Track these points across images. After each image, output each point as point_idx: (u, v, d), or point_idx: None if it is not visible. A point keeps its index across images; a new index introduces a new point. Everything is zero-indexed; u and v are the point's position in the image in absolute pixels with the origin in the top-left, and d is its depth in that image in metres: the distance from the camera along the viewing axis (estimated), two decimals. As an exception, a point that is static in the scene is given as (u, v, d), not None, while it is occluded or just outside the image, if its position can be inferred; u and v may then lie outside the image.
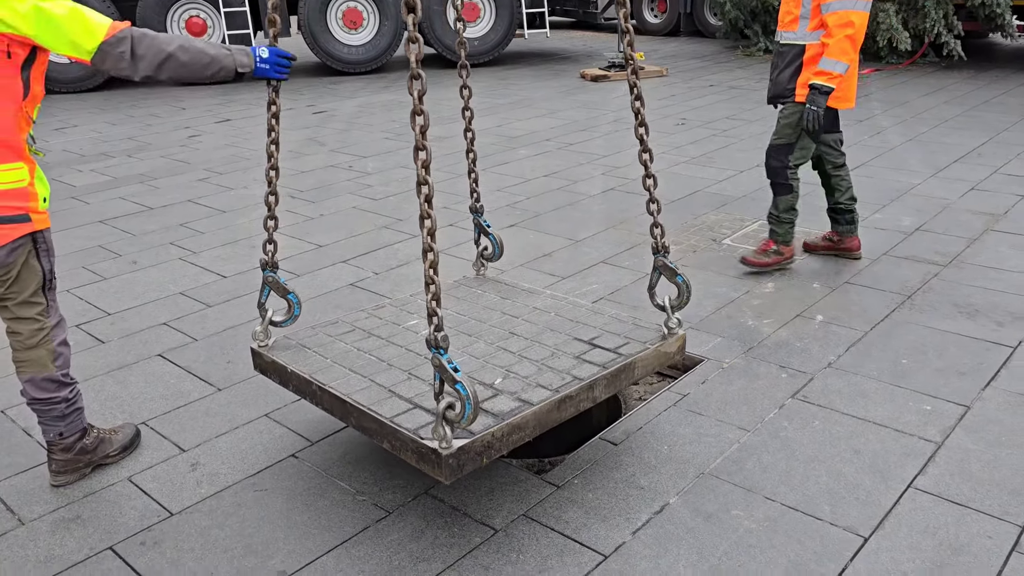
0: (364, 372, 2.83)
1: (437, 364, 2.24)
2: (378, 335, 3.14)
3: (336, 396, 2.68)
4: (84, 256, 5.29)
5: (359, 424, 2.62)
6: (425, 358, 2.83)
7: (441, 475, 2.31)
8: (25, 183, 2.67)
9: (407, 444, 2.40)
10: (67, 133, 9.17)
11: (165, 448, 3.20)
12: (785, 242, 4.67)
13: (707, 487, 2.85)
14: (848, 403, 3.33)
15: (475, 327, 3.19)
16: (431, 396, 2.52)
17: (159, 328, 4.23)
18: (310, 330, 3.22)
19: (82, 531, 2.75)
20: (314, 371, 2.84)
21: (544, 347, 2.97)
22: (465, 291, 3.57)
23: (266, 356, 3.00)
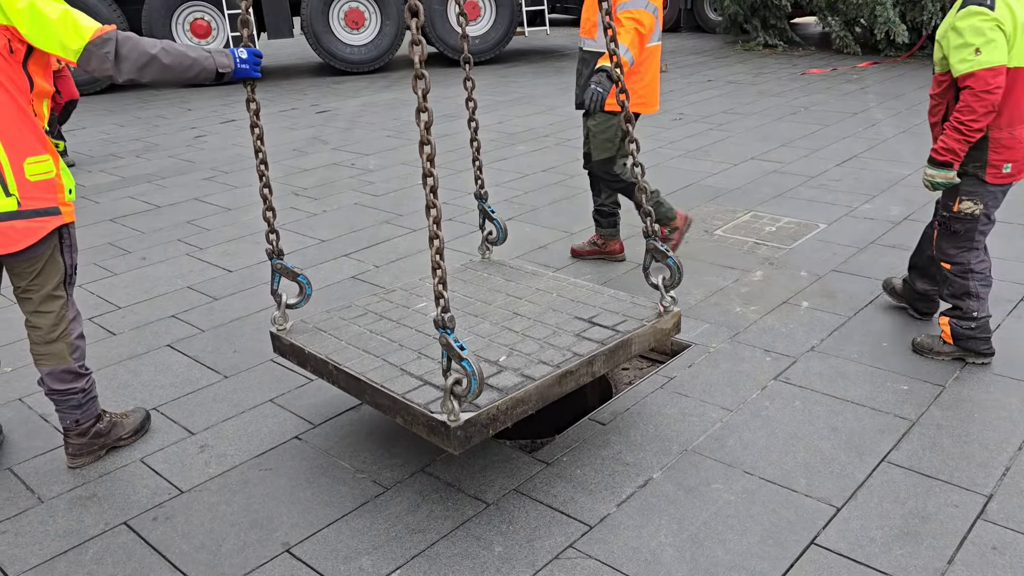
0: (377, 352, 2.99)
1: (444, 343, 2.39)
2: (389, 317, 3.30)
3: (351, 375, 2.84)
4: (95, 253, 5.46)
5: (373, 400, 2.79)
6: (434, 338, 2.99)
7: (450, 446, 2.46)
8: (53, 174, 2.82)
9: (418, 418, 2.56)
10: (77, 135, 9.35)
11: (175, 432, 3.36)
12: (668, 217, 4.68)
13: (690, 463, 2.99)
14: (828, 384, 3.46)
15: (481, 308, 3.35)
16: (440, 373, 2.68)
17: (168, 320, 4.40)
18: (325, 314, 3.38)
19: (98, 508, 2.91)
20: (330, 352, 3.00)
21: (546, 326, 3.12)
22: (471, 274, 3.73)
23: (285, 339, 3.16)
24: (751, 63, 12.63)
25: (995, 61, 3.13)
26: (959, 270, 3.51)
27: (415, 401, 2.60)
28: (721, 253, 4.97)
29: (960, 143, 3.23)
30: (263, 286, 4.77)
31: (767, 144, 7.53)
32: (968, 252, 3.49)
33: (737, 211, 5.72)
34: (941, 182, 3.36)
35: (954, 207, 3.45)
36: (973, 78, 3.15)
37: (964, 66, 3.17)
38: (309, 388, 3.64)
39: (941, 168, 3.32)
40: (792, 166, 6.76)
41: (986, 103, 3.15)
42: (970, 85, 3.17)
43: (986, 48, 3.12)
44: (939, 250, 3.58)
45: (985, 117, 3.18)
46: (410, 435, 3.24)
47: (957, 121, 3.21)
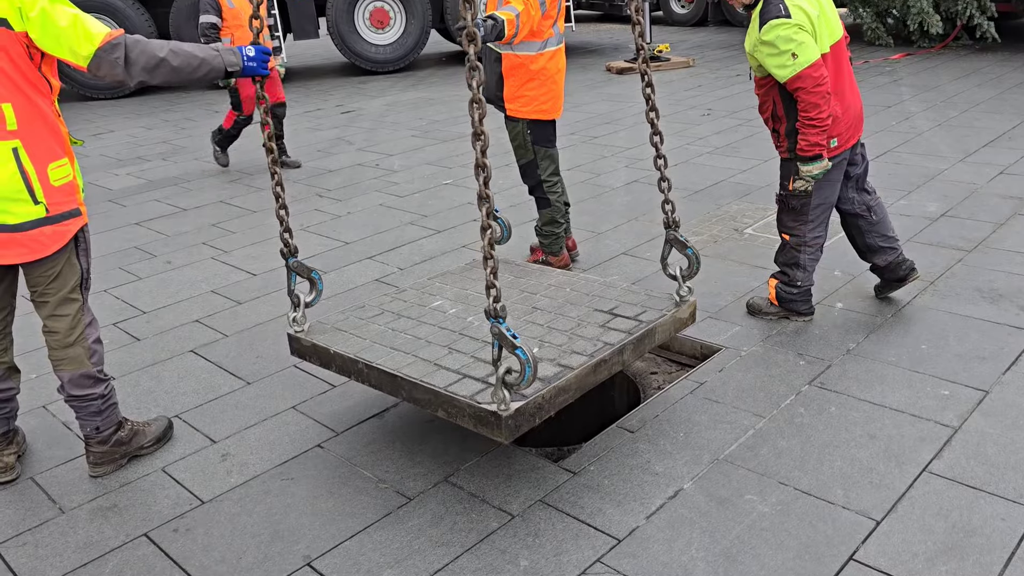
0: (406, 349, 2.95)
1: (497, 332, 2.41)
2: (408, 316, 3.26)
3: (385, 372, 2.81)
4: (121, 257, 5.47)
5: (411, 396, 2.76)
6: (459, 333, 3.02)
7: (501, 436, 2.46)
8: (71, 177, 2.83)
9: (464, 410, 2.55)
10: (104, 138, 9.42)
11: (197, 440, 3.32)
12: (553, 253, 4.65)
13: (721, 472, 2.89)
14: (865, 389, 3.34)
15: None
16: (476, 367, 2.74)
17: (191, 325, 4.37)
18: (340, 314, 3.34)
19: (119, 518, 2.88)
20: (358, 351, 2.96)
21: (568, 319, 3.11)
22: (478, 273, 3.69)
23: (305, 340, 3.11)
24: (780, 56, 12.40)
25: (812, 58, 3.39)
26: (796, 242, 3.85)
27: (459, 393, 2.59)
28: (751, 252, 4.84)
29: (819, 135, 3.48)
30: (286, 290, 4.73)
31: (798, 139, 7.36)
32: (804, 225, 3.80)
33: (768, 209, 5.59)
34: (819, 173, 3.59)
35: (789, 186, 3.75)
36: (801, 79, 3.40)
37: (786, 71, 3.41)
38: (331, 395, 3.59)
39: (813, 162, 3.56)
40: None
41: (821, 93, 3.41)
42: (800, 86, 3.41)
43: (800, 50, 3.38)
44: (780, 223, 3.92)
45: (827, 105, 3.44)
46: (434, 444, 3.17)
47: (807, 119, 3.46)
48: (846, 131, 3.65)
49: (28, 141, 2.68)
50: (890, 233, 3.95)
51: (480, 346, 2.92)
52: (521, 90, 4.36)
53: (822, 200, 3.75)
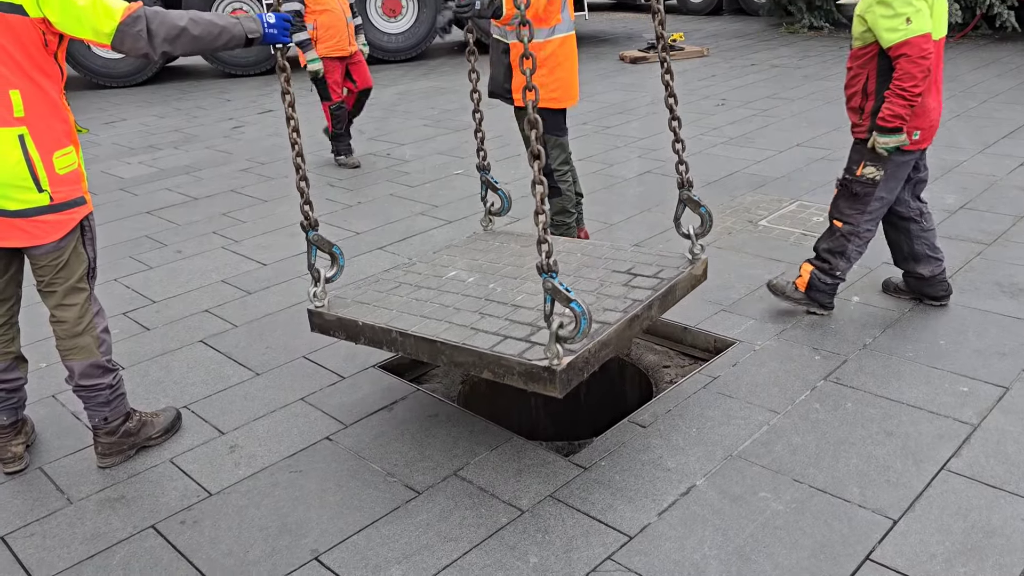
0: (436, 316, 2.93)
1: (550, 287, 2.43)
2: (427, 287, 3.23)
3: (423, 338, 2.79)
4: (131, 246, 5.45)
5: (452, 360, 2.75)
6: (485, 300, 3.02)
7: (554, 390, 2.47)
8: (76, 165, 2.81)
9: (513, 368, 2.55)
10: (116, 127, 9.42)
11: (205, 431, 3.30)
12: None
13: (735, 469, 2.85)
14: (882, 385, 3.28)
15: (514, 271, 3.30)
16: (514, 328, 2.75)
17: (201, 315, 4.35)
18: (356, 289, 3.29)
19: (126, 510, 2.86)
20: (388, 321, 2.93)
21: (590, 280, 3.12)
22: (483, 244, 3.68)
23: (329, 315, 3.06)
24: (796, 46, 12.29)
25: (924, 28, 3.31)
26: (848, 230, 3.73)
27: (506, 352, 2.58)
28: (766, 244, 4.78)
29: (904, 108, 3.39)
30: (296, 280, 4.71)
31: (813, 130, 7.28)
32: (861, 215, 3.69)
33: (783, 200, 5.52)
34: (893, 147, 3.49)
35: (857, 171, 3.63)
36: (908, 46, 3.31)
37: (896, 36, 3.32)
38: (340, 387, 3.56)
39: (890, 134, 3.45)
40: (840, 153, 6.49)
41: (923, 67, 3.32)
42: (906, 53, 3.32)
43: (915, 17, 3.30)
44: (835, 208, 3.77)
45: (924, 81, 3.35)
46: (443, 437, 3.14)
47: (900, 88, 3.36)
48: (928, 130, 3.57)
49: (35, 128, 2.66)
50: (937, 244, 3.86)
51: (510, 310, 2.92)
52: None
53: (886, 193, 3.65)
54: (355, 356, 3.80)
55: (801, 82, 9.47)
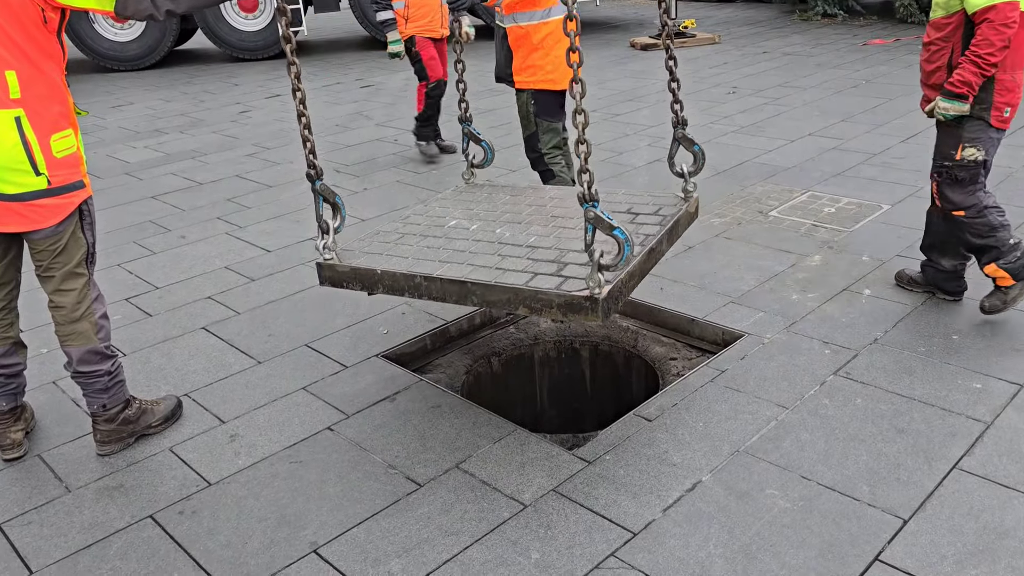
0: (457, 260, 2.89)
1: (592, 216, 2.47)
2: (433, 235, 3.18)
3: (452, 280, 2.75)
4: (135, 231, 5.42)
5: (484, 299, 2.72)
6: (499, 243, 3.01)
7: (596, 319, 2.52)
8: (74, 148, 2.77)
9: (551, 301, 2.57)
10: (123, 110, 9.38)
11: (206, 420, 3.27)
12: None
13: (741, 465, 2.79)
14: (893, 381, 3.22)
15: (512, 218, 3.26)
16: (539, 266, 2.75)
17: (204, 302, 4.32)
18: (360, 242, 3.21)
19: (124, 499, 2.83)
20: (408, 267, 2.87)
21: None
22: (469, 195, 3.63)
23: (342, 266, 2.97)
24: (809, 34, 12.14)
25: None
26: (974, 211, 3.52)
27: (542, 287, 2.60)
28: (776, 235, 4.71)
29: (976, 76, 3.28)
30: (300, 267, 4.67)
31: (825, 119, 7.18)
32: (975, 194, 3.51)
33: (794, 191, 5.44)
34: (953, 114, 3.39)
35: (956, 155, 3.48)
36: (993, 11, 3.21)
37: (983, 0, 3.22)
38: (343, 376, 3.52)
39: (955, 100, 3.35)
40: (853, 142, 6.42)
41: (1004, 36, 3.21)
42: (989, 18, 3.22)
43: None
44: (946, 201, 3.57)
45: (1002, 51, 3.24)
46: (445, 429, 3.10)
47: (975, 55, 3.26)
48: (1015, 108, 3.44)
49: (32, 110, 2.61)
50: None
51: (528, 251, 2.91)
52: (527, 60, 4.39)
53: (987, 157, 3.48)
54: (357, 345, 3.76)
55: (814, 70, 9.35)
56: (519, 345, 4.04)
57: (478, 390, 3.89)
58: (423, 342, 3.85)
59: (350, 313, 4.08)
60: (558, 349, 4.10)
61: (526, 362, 4.09)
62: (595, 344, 4.06)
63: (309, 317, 4.07)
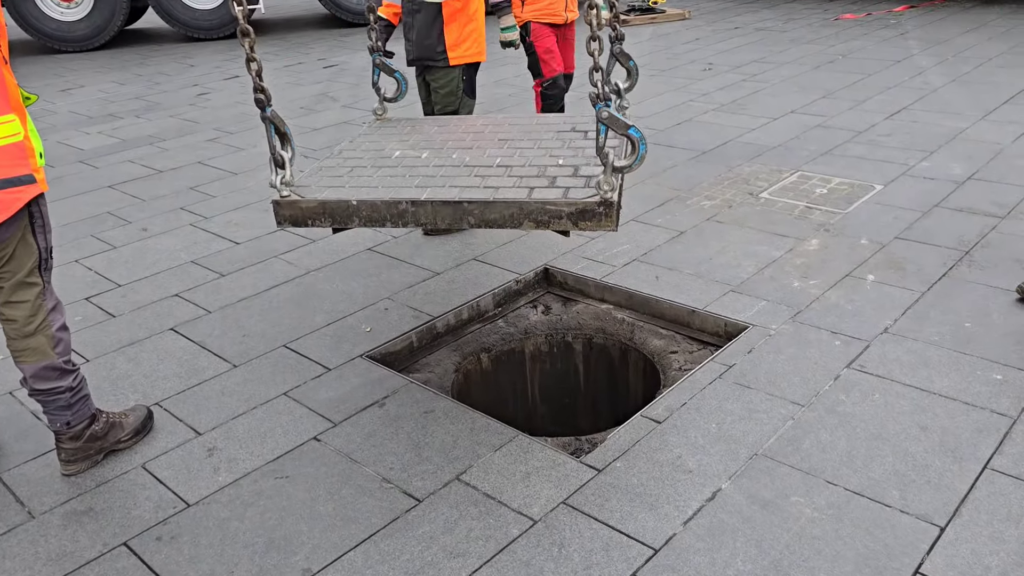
0: (435, 184, 2.69)
1: (607, 116, 2.37)
2: (387, 166, 2.94)
3: (444, 202, 2.56)
4: (93, 224, 5.09)
5: (483, 218, 2.55)
6: (466, 166, 2.84)
7: (612, 225, 2.46)
8: (21, 136, 2.45)
9: (561, 211, 2.47)
10: (74, 94, 8.92)
11: (180, 431, 3.02)
12: None
13: (762, 470, 2.63)
14: (910, 373, 3.08)
15: (460, 145, 3.10)
16: (533, 181, 2.61)
17: (171, 300, 4.04)
18: (311, 177, 2.90)
19: (95, 525, 2.58)
20: (386, 195, 2.63)
21: (546, 141, 3.05)
22: (393, 129, 3.42)
23: (307, 201, 2.67)
24: (779, 8, 12.00)
25: None
26: None
27: (549, 198, 2.48)
28: (770, 219, 4.55)
29: None
30: (272, 260, 4.41)
31: (806, 96, 7.04)
32: None
33: (783, 171, 5.28)
34: None
35: None
36: None
37: None
38: (326, 379, 3.28)
39: None
40: (837, 120, 6.29)
41: None
42: None
43: None
44: None
45: None
46: (441, 436, 2.89)
47: None
48: None
49: None
50: None
51: (504, 170, 2.76)
52: (462, 33, 4.36)
53: None
54: (340, 345, 3.53)
55: (788, 46, 9.21)
56: (509, 339, 3.83)
57: (468, 389, 3.69)
58: (409, 340, 3.62)
59: (329, 310, 3.84)
60: (550, 343, 3.91)
61: (517, 357, 3.89)
62: (589, 337, 3.87)
63: (285, 315, 3.82)
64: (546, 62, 5.24)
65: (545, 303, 4.04)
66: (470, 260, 4.28)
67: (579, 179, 2.64)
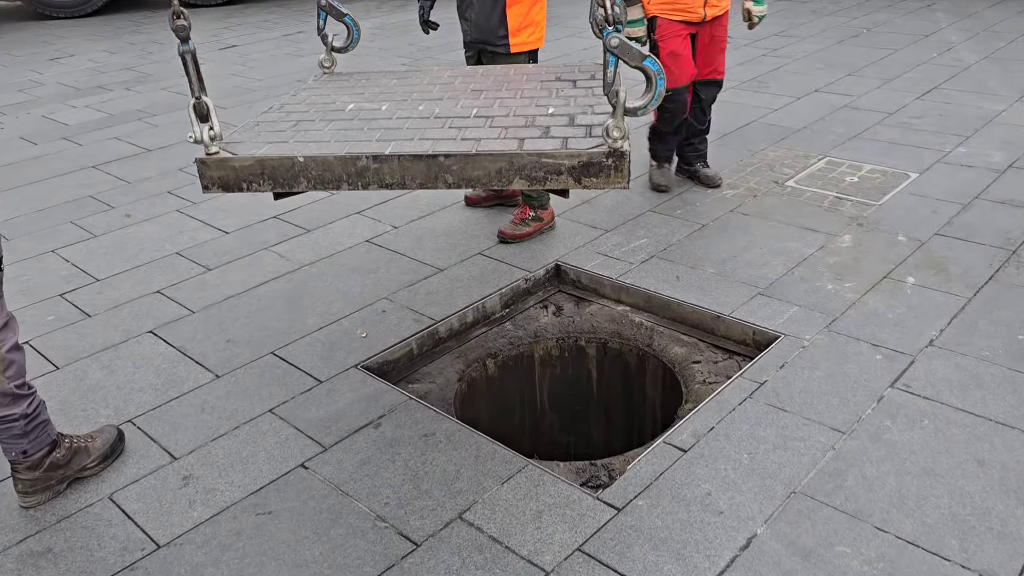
0: (402, 137, 2.28)
1: (618, 44, 1.95)
2: (341, 119, 2.52)
3: (414, 156, 2.13)
4: (74, 209, 4.78)
5: (463, 176, 2.14)
6: (436, 118, 2.42)
7: (622, 180, 2.07)
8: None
9: (561, 164, 2.07)
10: (63, 63, 8.55)
11: (153, 455, 2.74)
12: (542, 206, 4.10)
13: (801, 512, 2.34)
14: (961, 395, 2.78)
15: (426, 96, 2.69)
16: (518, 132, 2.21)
17: (152, 297, 3.74)
18: (246, 133, 2.47)
19: (54, 570, 2.31)
20: (342, 150, 2.21)
21: (527, 89, 2.67)
22: (344, 82, 2.98)
23: (240, 159, 2.24)
24: (797, -23, 11.51)
25: None
26: None
27: (545, 149, 2.08)
28: (798, 211, 4.22)
29: None
30: (262, 252, 4.10)
31: (831, 73, 6.66)
32: None
33: (809, 156, 4.94)
34: None
35: None
36: None
37: None
38: (317, 393, 3.00)
39: None
40: (864, 100, 5.92)
41: None
42: None
43: None
44: None
45: None
46: (442, 464, 2.60)
47: None
48: None
49: None
50: None
51: (484, 121, 2.36)
52: (528, 16, 3.94)
53: None
54: (333, 352, 3.23)
55: (810, 18, 8.78)
56: (517, 344, 3.54)
57: (472, 399, 3.41)
58: (408, 347, 3.33)
59: (321, 311, 3.54)
60: (561, 347, 3.61)
61: (525, 363, 3.60)
62: (604, 342, 3.57)
63: (274, 316, 3.53)
64: (668, 68, 4.19)
65: (556, 303, 3.74)
66: (476, 255, 3.97)
67: (578, 128, 2.23)
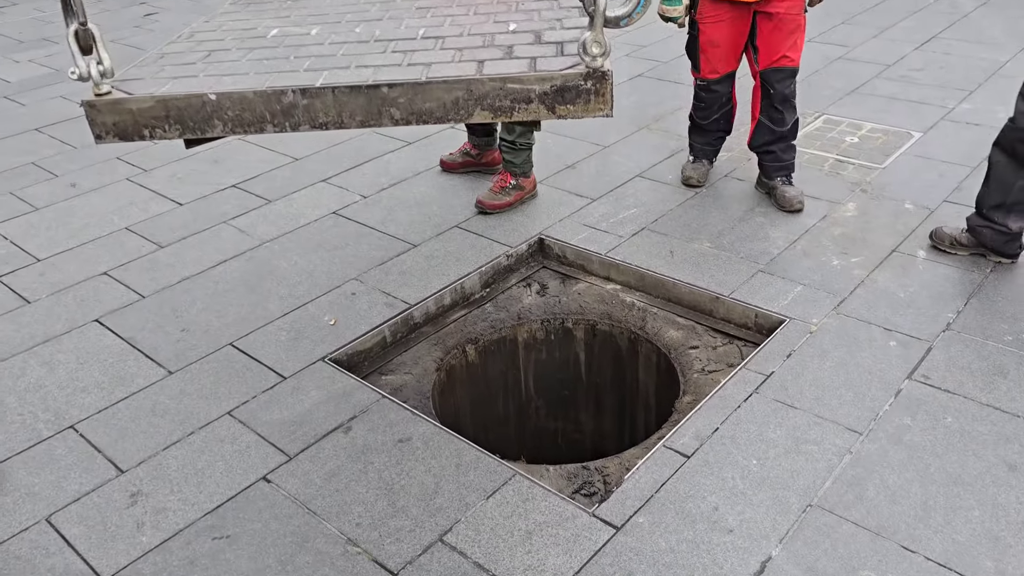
0: (337, 65, 1.93)
1: None
2: (263, 47, 2.16)
3: (351, 86, 1.79)
4: (13, 178, 4.40)
5: (413, 109, 1.81)
6: (376, 40, 2.08)
7: (604, 107, 1.78)
8: None
9: (531, 90, 1.75)
10: (5, 13, 7.98)
11: (98, 468, 2.45)
12: (524, 173, 3.84)
13: (819, 529, 2.12)
14: (984, 387, 2.56)
15: (362, 17, 2.34)
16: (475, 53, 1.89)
17: (98, 280, 3.41)
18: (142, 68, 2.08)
19: (-19, 610, 2.05)
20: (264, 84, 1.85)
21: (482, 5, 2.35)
22: (264, 6, 2.61)
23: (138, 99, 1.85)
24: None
25: None
26: None
27: (510, 72, 1.76)
28: (798, 175, 3.94)
29: None
30: (220, 226, 3.78)
31: (824, 21, 6.32)
32: None
33: (806, 114, 4.65)
34: None
35: None
36: None
37: None
38: (281, 391, 2.72)
39: None
40: (860, 50, 5.61)
41: None
42: None
43: None
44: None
45: None
46: (419, 474, 2.34)
47: None
48: None
49: None
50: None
51: (436, 42, 2.03)
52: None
53: None
54: (298, 342, 2.95)
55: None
56: (499, 327, 3.27)
57: (452, 388, 3.15)
58: (381, 334, 3.05)
59: (285, 295, 3.24)
60: (546, 329, 3.35)
61: (508, 347, 3.34)
62: (592, 323, 3.31)
63: (233, 301, 3.22)
64: (705, 55, 3.72)
65: (540, 281, 3.46)
66: (452, 228, 3.67)
67: (547, 46, 1.93)
